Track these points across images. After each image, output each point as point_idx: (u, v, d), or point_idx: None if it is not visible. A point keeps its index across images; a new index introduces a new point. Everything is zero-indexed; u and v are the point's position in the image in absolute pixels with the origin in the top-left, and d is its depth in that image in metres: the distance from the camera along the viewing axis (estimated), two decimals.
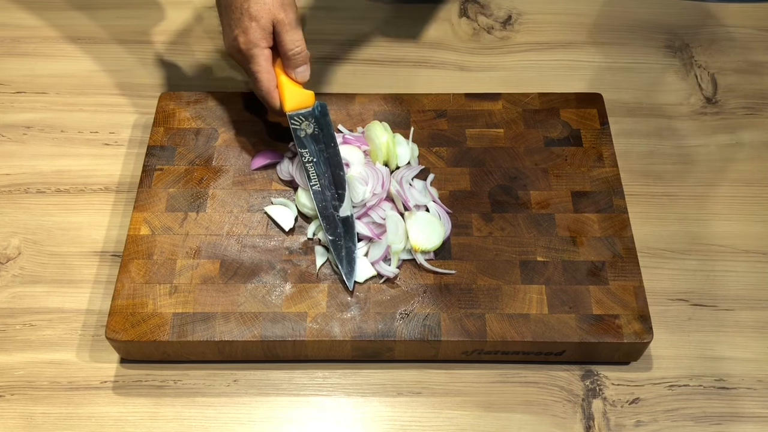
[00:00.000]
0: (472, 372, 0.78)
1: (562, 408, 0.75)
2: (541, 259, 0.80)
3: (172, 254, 0.80)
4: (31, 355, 0.78)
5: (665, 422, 0.74)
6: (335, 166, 0.82)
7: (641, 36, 1.07)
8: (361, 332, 0.75)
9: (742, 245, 0.86)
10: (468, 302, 0.77)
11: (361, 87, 0.99)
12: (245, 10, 0.80)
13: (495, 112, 0.92)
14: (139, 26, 1.08)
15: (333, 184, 0.81)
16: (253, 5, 0.80)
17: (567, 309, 0.76)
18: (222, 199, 0.85)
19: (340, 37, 1.07)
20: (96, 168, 0.93)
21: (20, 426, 0.74)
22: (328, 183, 0.81)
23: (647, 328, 0.75)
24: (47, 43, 1.06)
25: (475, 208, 0.84)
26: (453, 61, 1.05)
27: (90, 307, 0.82)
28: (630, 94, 1.00)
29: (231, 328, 0.75)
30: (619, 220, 0.83)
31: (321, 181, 0.81)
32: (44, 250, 0.86)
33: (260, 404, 0.76)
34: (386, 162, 0.86)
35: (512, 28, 1.09)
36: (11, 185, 0.91)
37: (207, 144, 0.89)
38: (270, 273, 0.79)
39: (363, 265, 0.79)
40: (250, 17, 0.80)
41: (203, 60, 1.04)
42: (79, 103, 0.99)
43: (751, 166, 0.93)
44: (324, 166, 0.82)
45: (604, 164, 0.87)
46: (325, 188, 0.81)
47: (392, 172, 0.85)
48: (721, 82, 1.02)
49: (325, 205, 0.80)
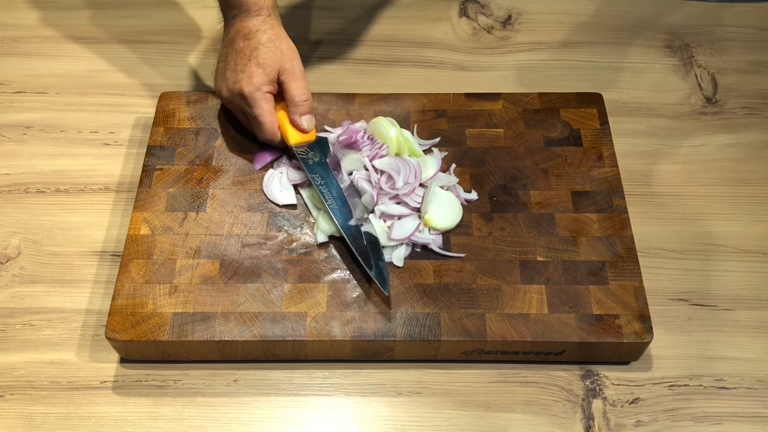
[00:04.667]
0: (472, 372, 0.78)
1: (562, 408, 0.75)
2: (541, 259, 0.80)
3: (172, 254, 0.80)
4: (31, 355, 0.78)
5: (665, 422, 0.74)
6: (344, 191, 0.84)
7: (641, 36, 1.07)
8: (361, 332, 0.75)
9: (742, 245, 0.86)
10: (468, 302, 0.77)
11: (361, 87, 0.99)
12: (253, 57, 0.84)
13: (495, 112, 0.92)
14: (139, 26, 1.08)
15: (345, 205, 0.82)
16: (262, 53, 0.84)
17: (567, 309, 0.76)
18: (222, 199, 0.85)
19: (340, 37, 1.07)
20: (96, 168, 0.93)
21: (20, 426, 0.74)
22: (341, 204, 0.82)
23: (647, 328, 0.75)
24: (47, 42, 1.06)
25: (475, 207, 0.84)
26: (453, 61, 1.05)
27: (90, 307, 0.82)
28: (630, 94, 1.00)
29: (231, 328, 0.75)
30: (619, 220, 0.83)
31: (337, 202, 0.82)
32: (44, 250, 0.86)
33: (260, 404, 0.76)
34: (398, 155, 0.86)
35: (512, 28, 1.09)
36: (11, 185, 0.91)
37: (207, 144, 0.89)
38: (270, 273, 0.79)
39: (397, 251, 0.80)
40: (257, 64, 0.84)
41: (203, 60, 1.04)
42: (79, 103, 1.00)
43: (751, 166, 0.93)
44: (335, 190, 0.83)
45: (604, 164, 0.87)
46: (343, 206, 0.82)
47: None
48: (721, 82, 1.02)
49: (345, 222, 0.81)
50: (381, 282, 0.76)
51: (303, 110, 0.85)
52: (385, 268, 0.77)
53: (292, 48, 0.86)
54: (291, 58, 0.85)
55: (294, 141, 0.86)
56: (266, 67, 0.84)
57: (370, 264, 0.77)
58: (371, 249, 0.78)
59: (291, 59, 0.85)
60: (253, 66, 0.84)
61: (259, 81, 0.84)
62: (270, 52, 0.84)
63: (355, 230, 0.80)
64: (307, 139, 0.87)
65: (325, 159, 0.86)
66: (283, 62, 0.84)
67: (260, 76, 0.84)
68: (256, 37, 0.84)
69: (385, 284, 0.76)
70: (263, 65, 0.84)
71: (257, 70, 0.84)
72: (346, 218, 0.81)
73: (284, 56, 0.85)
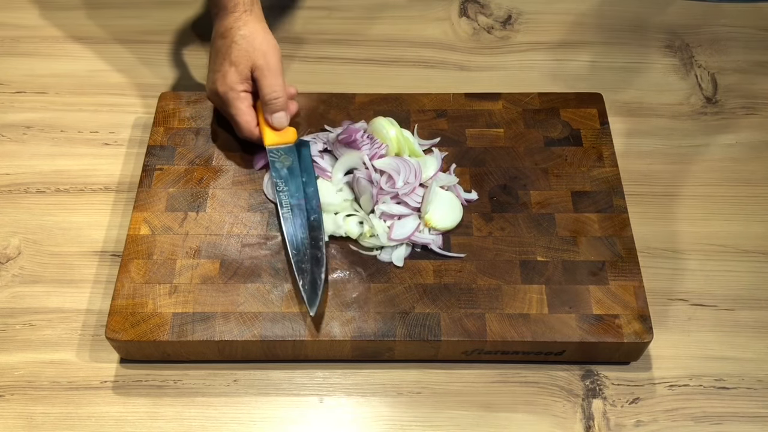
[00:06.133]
0: (472, 372, 0.78)
1: (562, 408, 0.75)
2: (541, 258, 0.80)
3: (172, 254, 0.80)
4: (31, 355, 0.78)
5: (665, 422, 0.74)
6: (311, 201, 0.81)
7: (641, 36, 1.07)
8: (361, 332, 0.75)
9: (742, 245, 0.86)
10: (468, 302, 0.77)
11: (361, 87, 0.99)
12: (227, 56, 0.83)
13: (495, 112, 0.92)
14: (139, 26, 1.08)
15: (308, 223, 0.80)
16: (234, 51, 0.83)
17: (567, 309, 0.76)
18: (222, 199, 0.85)
19: (340, 37, 1.07)
20: (96, 168, 0.93)
21: (20, 426, 0.74)
22: (301, 219, 0.80)
23: (647, 328, 0.75)
24: (47, 42, 1.06)
25: (475, 207, 0.84)
26: (453, 60, 1.05)
27: (90, 307, 0.82)
28: (630, 94, 1.00)
29: (231, 328, 0.75)
30: (619, 219, 0.83)
31: (293, 211, 0.80)
32: (44, 249, 0.86)
33: (260, 404, 0.76)
34: (398, 155, 0.86)
35: (512, 28, 1.09)
36: (11, 185, 0.91)
37: (207, 144, 0.89)
38: (270, 273, 0.79)
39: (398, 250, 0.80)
40: (230, 63, 0.83)
41: (203, 60, 1.04)
42: (79, 103, 0.99)
43: (751, 166, 0.93)
44: (298, 199, 0.81)
45: (604, 164, 0.87)
46: (296, 217, 0.80)
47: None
48: (721, 82, 1.02)
49: (294, 232, 0.79)
50: (309, 301, 0.74)
51: (273, 108, 0.84)
52: (320, 288, 0.75)
53: (267, 43, 0.83)
54: (265, 53, 0.83)
55: (269, 142, 0.85)
56: (239, 65, 0.83)
57: (304, 278, 0.75)
58: (312, 265, 0.76)
59: (264, 55, 0.83)
60: (226, 65, 0.83)
61: (232, 80, 0.83)
62: (242, 49, 0.83)
63: (300, 243, 0.78)
64: (284, 140, 0.85)
65: (298, 164, 0.84)
66: (255, 59, 0.83)
67: (233, 74, 0.83)
68: (230, 35, 0.83)
69: (313, 305, 0.74)
70: (235, 63, 0.83)
71: (230, 68, 0.83)
72: (296, 228, 0.79)
73: (257, 52, 0.83)
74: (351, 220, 0.82)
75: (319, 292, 0.75)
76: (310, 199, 0.81)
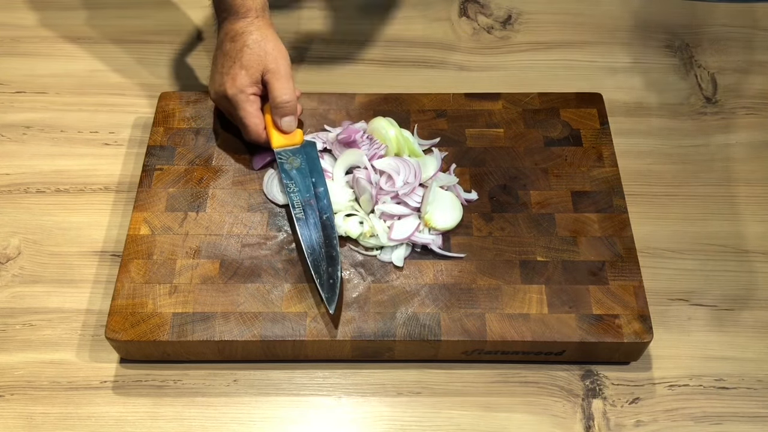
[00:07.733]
0: (472, 372, 0.78)
1: (562, 408, 0.75)
2: (541, 258, 0.80)
3: (172, 254, 0.80)
4: (31, 355, 0.78)
5: (665, 422, 0.74)
6: (322, 200, 0.82)
7: (641, 36, 1.07)
8: (361, 332, 0.75)
9: (742, 245, 0.86)
10: (468, 302, 0.77)
11: (361, 87, 0.99)
12: (238, 59, 0.84)
13: (495, 112, 0.92)
14: (138, 26, 1.08)
15: (320, 223, 0.80)
16: (246, 55, 0.84)
17: (567, 309, 0.76)
18: (222, 199, 0.85)
19: (340, 37, 1.07)
20: (96, 168, 0.93)
21: (20, 426, 0.74)
22: (314, 219, 0.81)
23: (647, 328, 0.75)
24: (47, 42, 1.06)
25: (475, 207, 0.84)
26: (453, 60, 1.05)
27: (90, 307, 0.82)
28: (630, 94, 1.00)
29: (231, 328, 0.75)
30: (619, 220, 0.83)
31: (306, 211, 0.81)
32: (44, 249, 0.86)
33: (260, 404, 0.76)
34: (397, 155, 0.86)
35: (512, 28, 1.09)
36: (11, 185, 0.91)
37: (207, 144, 0.89)
38: (270, 273, 0.79)
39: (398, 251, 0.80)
40: (241, 66, 0.84)
41: (203, 60, 1.04)
42: (78, 103, 1.00)
43: (751, 166, 0.93)
44: (309, 198, 0.82)
45: (604, 164, 0.87)
46: (309, 217, 0.81)
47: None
48: (721, 82, 1.02)
49: (308, 232, 0.80)
50: (328, 300, 0.75)
51: (284, 112, 0.85)
52: (338, 287, 0.75)
53: (278, 48, 0.85)
54: (276, 58, 0.84)
55: (276, 144, 0.85)
56: (249, 69, 0.83)
57: (321, 278, 0.76)
58: (328, 265, 0.77)
59: (276, 59, 0.84)
60: (237, 68, 0.84)
61: (243, 83, 0.84)
62: (254, 53, 0.84)
63: (315, 242, 0.79)
64: (291, 142, 0.86)
65: (306, 165, 0.85)
66: (267, 63, 0.84)
67: (243, 77, 0.84)
68: (242, 39, 0.84)
69: (332, 303, 0.75)
70: (247, 66, 0.83)
71: (240, 71, 0.84)
72: (309, 228, 0.80)
73: (269, 57, 0.84)
74: (351, 220, 0.82)
75: (337, 290, 0.75)
76: (321, 199, 0.82)
